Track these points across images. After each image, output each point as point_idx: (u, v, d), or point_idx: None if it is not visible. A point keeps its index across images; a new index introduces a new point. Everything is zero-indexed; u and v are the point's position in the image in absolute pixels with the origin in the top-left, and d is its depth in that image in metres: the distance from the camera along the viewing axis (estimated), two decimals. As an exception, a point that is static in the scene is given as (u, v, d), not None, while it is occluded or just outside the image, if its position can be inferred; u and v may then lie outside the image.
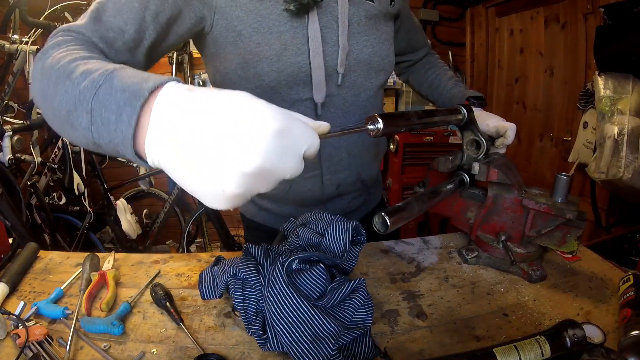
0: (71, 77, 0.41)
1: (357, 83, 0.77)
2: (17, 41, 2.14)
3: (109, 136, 0.37)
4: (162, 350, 0.59)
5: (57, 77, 0.43)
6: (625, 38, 1.67)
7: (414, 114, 0.62)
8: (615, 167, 1.73)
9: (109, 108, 0.36)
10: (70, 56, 0.46)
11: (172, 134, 0.32)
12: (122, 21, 0.59)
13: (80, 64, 0.43)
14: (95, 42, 0.57)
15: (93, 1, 0.62)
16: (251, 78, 0.69)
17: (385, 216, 0.54)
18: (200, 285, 0.68)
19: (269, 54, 0.67)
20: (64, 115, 0.41)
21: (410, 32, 0.95)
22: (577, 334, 0.55)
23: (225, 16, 0.65)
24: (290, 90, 0.71)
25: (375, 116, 0.52)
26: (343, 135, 0.49)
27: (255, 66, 0.68)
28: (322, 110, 0.74)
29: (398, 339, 0.62)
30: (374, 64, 0.78)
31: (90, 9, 0.60)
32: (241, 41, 0.67)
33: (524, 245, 0.80)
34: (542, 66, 2.54)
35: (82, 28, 0.57)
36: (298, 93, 0.72)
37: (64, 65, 0.44)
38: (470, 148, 0.81)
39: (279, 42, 0.67)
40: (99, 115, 0.37)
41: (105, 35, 0.58)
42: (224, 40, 0.68)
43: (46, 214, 2.26)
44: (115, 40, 0.59)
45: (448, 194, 0.76)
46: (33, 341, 0.56)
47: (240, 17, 0.65)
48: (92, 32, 0.57)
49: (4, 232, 0.85)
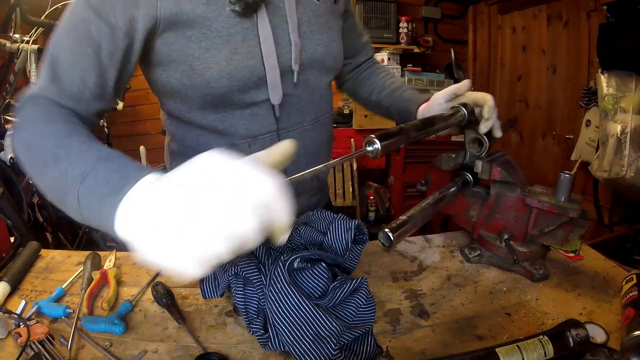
0: (58, 163, 0.45)
1: (311, 82, 0.76)
2: (18, 40, 2.14)
3: (96, 221, 0.42)
4: (164, 349, 0.59)
5: (45, 161, 0.47)
6: (629, 36, 1.66)
7: (412, 128, 0.61)
8: (618, 165, 1.72)
9: (93, 199, 0.42)
10: (51, 137, 0.49)
11: (138, 223, 0.36)
12: (81, 71, 0.57)
13: (64, 147, 0.47)
14: (63, 104, 0.57)
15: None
16: (199, 86, 0.65)
17: (389, 232, 0.54)
18: (202, 284, 0.68)
19: (218, 59, 0.63)
20: (56, 196, 0.47)
21: (353, 32, 0.92)
22: (580, 334, 0.54)
23: (171, 25, 0.61)
24: (244, 94, 0.68)
25: (372, 138, 0.51)
26: (343, 162, 0.49)
27: (203, 73, 0.64)
28: (280, 111, 0.73)
29: (400, 338, 0.62)
30: (326, 63, 0.77)
31: (43, 67, 0.58)
32: (189, 47, 0.63)
33: (527, 244, 0.80)
34: (545, 64, 2.52)
35: (44, 92, 0.57)
36: (252, 96, 0.69)
37: (50, 149, 0.48)
38: (473, 146, 0.81)
39: (229, 46, 0.63)
40: (86, 203, 0.43)
41: (69, 92, 0.57)
42: (168, 49, 0.64)
43: (48, 213, 2.26)
44: (81, 93, 0.58)
45: (452, 198, 0.76)
46: (34, 340, 0.57)
47: (186, 22, 0.61)
48: (56, 94, 0.57)
49: (5, 230, 0.85)
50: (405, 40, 2.87)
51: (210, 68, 0.63)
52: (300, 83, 0.74)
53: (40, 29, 2.18)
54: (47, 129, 0.51)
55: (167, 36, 0.62)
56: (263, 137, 0.74)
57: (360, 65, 1.01)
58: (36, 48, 2.13)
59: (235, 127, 0.72)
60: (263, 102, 0.71)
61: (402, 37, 2.87)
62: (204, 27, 0.62)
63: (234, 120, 0.71)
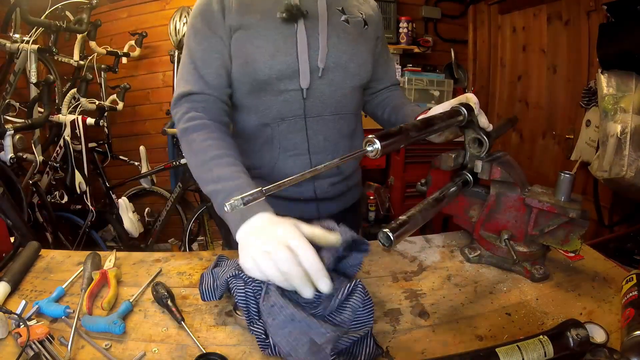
0: (211, 172, 0.73)
1: (335, 80, 0.92)
2: (18, 40, 2.14)
3: (223, 217, 0.69)
4: (164, 349, 0.59)
5: (202, 165, 0.76)
6: (629, 36, 1.66)
7: (413, 127, 0.61)
8: (618, 165, 1.72)
9: (229, 215, 0.67)
10: (208, 150, 0.77)
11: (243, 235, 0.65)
12: (215, 69, 0.87)
13: (215, 162, 0.75)
14: (209, 94, 0.86)
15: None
16: (248, 74, 0.88)
17: (388, 232, 0.55)
18: (201, 287, 0.69)
19: (264, 54, 0.86)
20: (206, 190, 0.74)
21: (380, 59, 1.06)
22: (580, 334, 0.54)
23: (236, 30, 0.87)
24: (280, 82, 0.88)
25: (372, 138, 0.52)
26: (342, 162, 0.55)
27: (252, 65, 0.87)
28: (306, 96, 0.91)
29: (400, 338, 0.62)
30: (350, 68, 0.93)
31: (187, 72, 0.87)
32: (245, 46, 0.87)
33: (527, 244, 0.80)
34: (545, 64, 2.52)
35: (195, 88, 0.86)
36: (286, 85, 0.89)
37: (205, 162, 0.75)
38: (473, 146, 0.81)
39: (273, 45, 0.86)
40: (221, 210, 0.70)
41: (212, 84, 0.86)
42: (234, 48, 0.88)
43: (48, 213, 2.26)
44: (220, 83, 0.88)
45: (452, 198, 0.76)
46: (34, 340, 0.57)
47: (246, 28, 0.87)
48: (204, 88, 0.86)
49: (5, 230, 0.85)
50: (405, 40, 2.87)
51: (258, 61, 0.86)
52: (324, 79, 0.91)
53: (40, 29, 2.18)
54: (204, 140, 0.78)
55: (234, 39, 0.87)
56: (289, 119, 0.92)
57: (380, 90, 1.12)
58: (36, 48, 2.13)
59: (269, 110, 0.91)
60: (293, 90, 0.90)
61: (402, 37, 2.87)
62: (257, 31, 0.86)
63: (270, 103, 0.91)
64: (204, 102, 0.86)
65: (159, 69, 2.95)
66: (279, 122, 0.92)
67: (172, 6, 2.81)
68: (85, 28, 2.37)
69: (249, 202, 0.49)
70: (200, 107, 0.85)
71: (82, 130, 2.25)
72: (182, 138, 0.83)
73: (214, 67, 0.87)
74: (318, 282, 0.56)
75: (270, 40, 0.86)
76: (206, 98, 0.86)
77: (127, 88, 2.60)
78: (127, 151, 2.81)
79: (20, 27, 2.16)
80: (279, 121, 0.92)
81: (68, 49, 2.54)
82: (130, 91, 2.66)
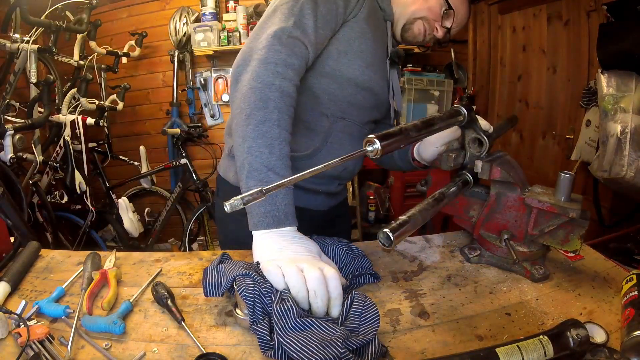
0: (272, 153, 0.71)
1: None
2: (18, 40, 2.14)
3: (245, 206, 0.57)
4: (163, 349, 0.58)
5: (262, 136, 0.71)
6: (629, 36, 1.66)
7: (413, 127, 0.61)
8: (618, 165, 1.72)
9: (257, 209, 0.70)
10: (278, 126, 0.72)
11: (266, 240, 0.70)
12: (326, 32, 0.85)
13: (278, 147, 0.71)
14: (308, 61, 0.82)
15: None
16: (341, 63, 0.91)
17: (389, 232, 0.55)
18: (204, 281, 0.68)
19: (360, 61, 0.92)
20: (242, 157, 0.72)
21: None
22: (580, 334, 0.54)
23: (352, 28, 0.91)
24: (354, 86, 0.93)
25: (372, 138, 0.53)
26: (342, 162, 0.56)
27: (350, 59, 0.91)
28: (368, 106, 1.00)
29: (400, 338, 0.62)
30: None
31: (302, 12, 0.80)
32: (353, 43, 0.91)
33: (527, 244, 0.80)
34: (545, 64, 2.52)
35: (307, 41, 0.80)
36: (356, 91, 0.94)
37: (271, 132, 0.71)
38: (473, 146, 0.81)
39: (364, 62, 0.92)
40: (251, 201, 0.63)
41: (317, 45, 0.83)
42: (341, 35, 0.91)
43: (48, 213, 2.26)
44: (319, 50, 0.86)
45: (452, 198, 0.76)
46: (34, 340, 0.56)
47: (359, 31, 0.91)
48: (310, 44, 0.81)
49: (5, 230, 0.85)
50: (405, 40, 2.87)
51: (354, 60, 0.91)
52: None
53: (40, 29, 2.18)
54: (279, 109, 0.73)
55: (345, 28, 0.91)
56: (347, 120, 0.96)
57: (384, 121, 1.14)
58: (36, 48, 2.13)
59: (333, 103, 0.93)
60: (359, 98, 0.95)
61: (402, 37, 2.86)
62: (362, 42, 0.91)
63: (336, 98, 0.93)
64: (302, 59, 0.79)
65: (159, 69, 2.95)
66: (338, 119, 0.95)
67: (172, 6, 2.82)
68: (85, 28, 2.38)
69: (249, 201, 0.49)
70: (297, 63, 0.78)
71: (82, 130, 2.25)
72: (259, 79, 0.73)
73: (327, 30, 0.84)
74: (333, 308, 0.62)
75: (372, 53, 0.93)
76: (306, 56, 0.81)
77: (127, 88, 2.60)
78: (127, 151, 2.81)
79: (20, 27, 2.16)
80: (338, 118, 0.95)
81: (68, 49, 2.54)
82: (130, 91, 2.66)
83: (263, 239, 0.70)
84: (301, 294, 0.61)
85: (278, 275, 0.62)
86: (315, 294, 0.60)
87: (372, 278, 0.74)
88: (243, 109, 0.73)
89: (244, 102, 0.73)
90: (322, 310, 0.61)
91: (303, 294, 0.61)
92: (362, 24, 0.90)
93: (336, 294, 0.62)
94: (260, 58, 0.75)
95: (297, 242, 0.69)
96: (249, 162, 0.70)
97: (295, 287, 0.61)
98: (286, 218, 0.70)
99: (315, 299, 0.60)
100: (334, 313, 0.62)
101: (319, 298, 0.60)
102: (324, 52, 0.89)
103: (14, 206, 1.69)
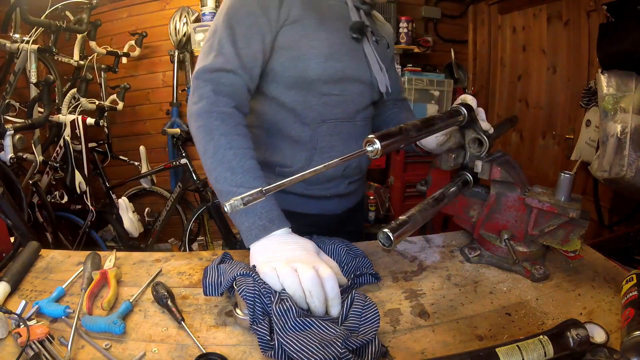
0: (235, 174, 0.73)
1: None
2: (18, 40, 2.14)
3: (232, 220, 0.73)
4: (163, 349, 0.58)
5: (221, 162, 0.74)
6: (629, 36, 1.66)
7: (413, 127, 0.61)
8: (618, 165, 1.72)
9: (240, 218, 0.72)
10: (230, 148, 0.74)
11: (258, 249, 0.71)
12: (253, 50, 0.82)
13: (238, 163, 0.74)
14: (245, 82, 0.82)
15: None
16: (297, 69, 0.88)
17: (389, 232, 0.55)
18: (204, 280, 0.68)
19: (318, 56, 0.87)
20: (216, 187, 0.75)
21: (392, 74, 1.11)
22: (580, 334, 0.54)
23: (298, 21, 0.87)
24: (324, 85, 0.90)
25: (372, 138, 0.52)
26: (342, 162, 0.56)
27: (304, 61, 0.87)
28: (345, 101, 0.95)
29: (400, 338, 0.62)
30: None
31: (220, 43, 0.80)
32: (301, 40, 0.86)
33: (527, 244, 0.80)
34: (545, 64, 2.52)
35: (230, 66, 0.79)
36: (329, 88, 0.90)
37: (228, 160, 0.74)
38: (473, 146, 0.81)
39: (328, 50, 0.88)
40: (234, 215, 0.73)
41: (245, 65, 0.81)
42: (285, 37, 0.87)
43: (48, 213, 2.26)
44: (253, 68, 0.83)
45: (452, 198, 0.76)
46: (34, 340, 0.56)
47: (308, 23, 0.87)
48: (237, 67, 0.80)
49: (5, 230, 0.85)
50: (405, 40, 2.87)
51: (311, 59, 0.87)
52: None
53: (40, 29, 2.18)
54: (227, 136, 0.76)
55: (286, 29, 0.86)
56: (329, 122, 0.93)
57: (386, 103, 1.14)
58: (36, 48, 2.13)
59: (309, 110, 0.91)
60: (335, 95, 0.91)
61: (402, 36, 2.87)
62: (316, 31, 0.86)
63: (310, 104, 0.91)
64: (232, 85, 0.80)
65: (159, 69, 2.95)
66: (320, 124, 0.92)
67: (172, 6, 2.82)
68: (85, 28, 2.37)
69: (248, 202, 0.49)
70: (227, 90, 0.80)
71: (82, 130, 2.25)
72: (199, 119, 0.77)
73: (254, 48, 0.81)
74: (332, 308, 0.62)
75: (326, 43, 0.87)
76: (236, 80, 0.81)
77: (127, 88, 2.60)
78: (127, 151, 2.81)
79: (20, 27, 2.16)
80: (319, 123, 0.92)
81: (68, 49, 2.54)
82: (130, 91, 2.66)
83: (257, 248, 0.70)
84: (297, 294, 0.61)
85: (273, 277, 0.62)
86: (311, 294, 0.60)
87: (372, 278, 0.74)
88: (198, 148, 0.78)
89: (197, 142, 0.79)
90: (321, 310, 0.61)
91: (299, 293, 0.61)
92: (302, 20, 0.85)
93: (333, 294, 0.62)
94: (193, 99, 0.80)
95: (291, 242, 0.69)
96: (219, 190, 0.75)
97: (291, 288, 0.61)
98: (272, 223, 0.71)
99: (312, 299, 0.61)
100: (333, 313, 0.62)
101: (315, 298, 0.60)
102: (279, 65, 0.87)
103: (14, 206, 1.68)
